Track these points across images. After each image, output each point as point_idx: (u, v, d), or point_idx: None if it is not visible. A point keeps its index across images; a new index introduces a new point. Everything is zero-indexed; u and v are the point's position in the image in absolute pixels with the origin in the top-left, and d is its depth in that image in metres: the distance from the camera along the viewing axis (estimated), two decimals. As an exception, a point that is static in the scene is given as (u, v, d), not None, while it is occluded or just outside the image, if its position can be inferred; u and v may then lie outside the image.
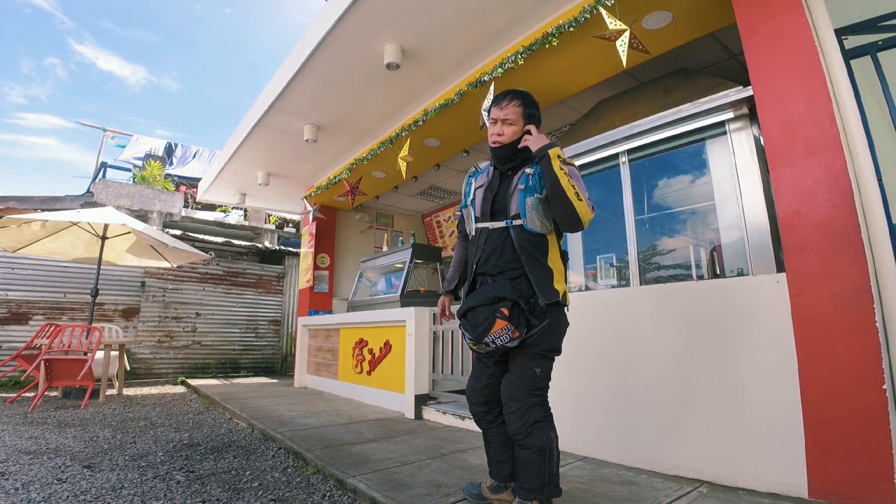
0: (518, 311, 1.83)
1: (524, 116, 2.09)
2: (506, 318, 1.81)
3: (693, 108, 3.21)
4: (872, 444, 1.95)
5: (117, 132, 13.24)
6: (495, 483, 2.12)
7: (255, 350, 8.97)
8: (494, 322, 1.81)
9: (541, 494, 1.82)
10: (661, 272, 3.50)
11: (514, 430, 1.87)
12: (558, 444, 1.88)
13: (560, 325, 1.93)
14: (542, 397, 1.92)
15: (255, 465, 2.95)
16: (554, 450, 1.85)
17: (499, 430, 2.07)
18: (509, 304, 1.82)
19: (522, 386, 1.88)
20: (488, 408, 2.07)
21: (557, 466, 1.87)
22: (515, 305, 1.83)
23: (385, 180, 6.75)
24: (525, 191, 1.96)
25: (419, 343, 4.50)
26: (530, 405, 1.86)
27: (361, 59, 4.19)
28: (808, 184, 2.26)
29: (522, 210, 1.94)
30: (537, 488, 1.82)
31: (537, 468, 1.82)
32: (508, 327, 1.81)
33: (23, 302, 6.82)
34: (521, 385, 1.88)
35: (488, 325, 1.82)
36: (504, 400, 1.92)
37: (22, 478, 2.61)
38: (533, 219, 1.92)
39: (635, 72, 4.29)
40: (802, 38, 2.39)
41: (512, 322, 1.81)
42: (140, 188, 9.76)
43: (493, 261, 1.99)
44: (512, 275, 1.94)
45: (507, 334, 1.81)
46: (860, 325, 2.03)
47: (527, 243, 1.93)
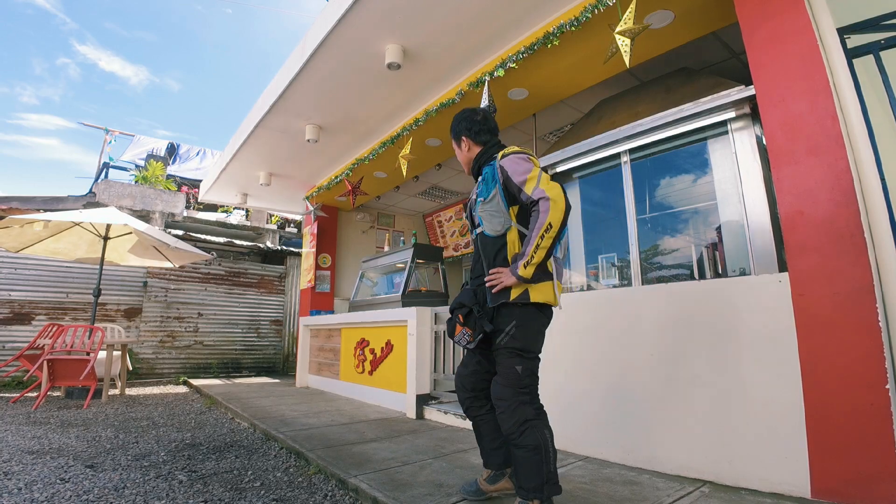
0: (473, 316, 2.00)
1: (456, 139, 2.28)
2: (462, 323, 2.02)
3: (695, 108, 3.21)
4: (875, 444, 1.95)
5: (119, 133, 13.26)
6: (491, 473, 2.16)
7: (256, 350, 8.98)
8: (455, 326, 2.06)
9: (541, 493, 1.83)
10: (663, 272, 3.50)
11: (507, 429, 1.90)
12: (553, 441, 1.89)
13: (528, 325, 1.95)
14: (531, 395, 1.94)
15: (257, 464, 2.95)
16: (549, 447, 1.86)
17: (487, 417, 2.14)
18: (465, 311, 2.02)
19: (508, 385, 1.93)
20: (475, 394, 2.16)
21: (555, 464, 1.87)
22: (471, 312, 2.01)
23: (386, 180, 6.76)
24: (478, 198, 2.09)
25: (421, 343, 4.50)
26: (518, 403, 1.90)
27: (362, 59, 4.19)
28: (810, 183, 2.25)
29: (479, 217, 2.08)
30: (537, 487, 1.83)
31: (535, 467, 1.83)
32: (465, 331, 2.02)
33: (25, 302, 6.83)
34: (507, 385, 1.93)
35: (451, 329, 2.09)
36: (494, 402, 1.98)
37: (25, 477, 2.62)
38: (486, 223, 2.04)
39: (637, 71, 4.28)
40: (804, 37, 2.38)
41: (468, 326, 2.00)
42: (142, 188, 9.78)
43: (474, 269, 2.19)
44: (479, 281, 2.10)
45: (465, 337, 2.03)
46: (863, 325, 2.02)
47: (485, 248, 2.06)
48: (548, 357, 3.33)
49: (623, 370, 2.89)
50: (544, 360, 3.36)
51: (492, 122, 2.26)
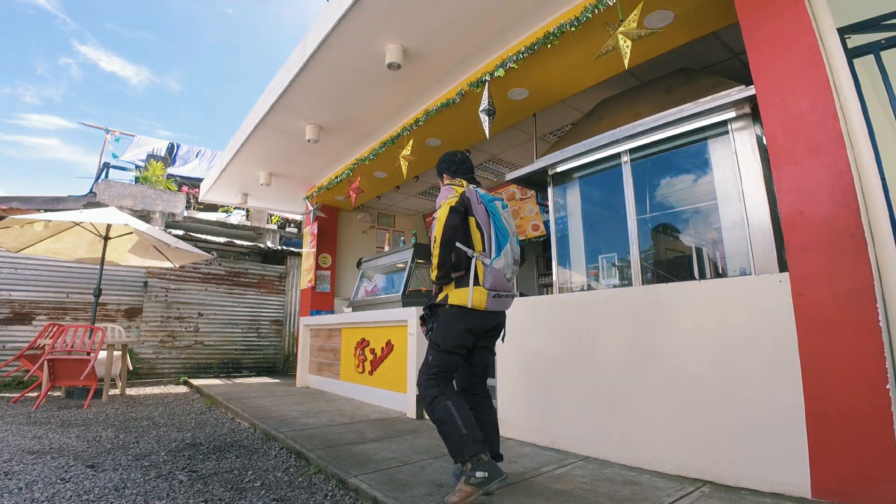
0: (425, 314, 2.50)
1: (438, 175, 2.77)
2: (421, 319, 2.54)
3: (695, 108, 3.21)
4: (876, 444, 1.95)
5: (120, 133, 13.27)
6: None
7: (257, 350, 8.98)
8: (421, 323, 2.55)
9: (462, 456, 2.09)
10: (663, 271, 3.50)
11: (425, 408, 2.29)
12: (460, 409, 2.17)
13: (443, 323, 2.37)
14: (436, 381, 2.29)
15: (258, 464, 2.96)
16: (455, 415, 2.15)
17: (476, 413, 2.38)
18: (422, 312, 2.52)
19: (422, 371, 2.37)
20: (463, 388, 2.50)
21: (468, 427, 2.12)
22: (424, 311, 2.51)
23: (386, 180, 6.76)
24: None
25: (421, 343, 4.49)
26: (426, 387, 2.30)
27: (363, 59, 4.19)
28: (810, 183, 2.25)
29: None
30: (457, 452, 2.11)
31: (448, 437, 2.14)
32: (423, 327, 2.52)
33: (26, 302, 6.84)
34: (422, 370, 2.38)
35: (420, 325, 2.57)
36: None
37: (25, 477, 2.62)
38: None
39: (637, 71, 4.28)
40: (805, 37, 2.38)
41: (424, 323, 2.51)
42: (142, 188, 9.78)
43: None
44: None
45: (424, 332, 2.51)
46: (863, 325, 2.02)
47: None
48: (547, 357, 3.34)
49: (623, 370, 2.88)
50: (544, 361, 3.37)
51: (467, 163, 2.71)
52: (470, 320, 2.32)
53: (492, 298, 2.31)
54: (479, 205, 2.39)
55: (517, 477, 2.52)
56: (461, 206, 2.35)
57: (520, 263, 2.47)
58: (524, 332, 3.56)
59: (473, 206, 2.38)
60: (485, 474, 2.02)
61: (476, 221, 2.37)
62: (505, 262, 2.31)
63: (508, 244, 2.33)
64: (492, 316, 2.39)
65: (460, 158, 2.69)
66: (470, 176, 2.65)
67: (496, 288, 2.31)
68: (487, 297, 2.29)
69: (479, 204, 2.39)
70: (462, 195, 2.39)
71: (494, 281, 2.30)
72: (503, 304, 2.39)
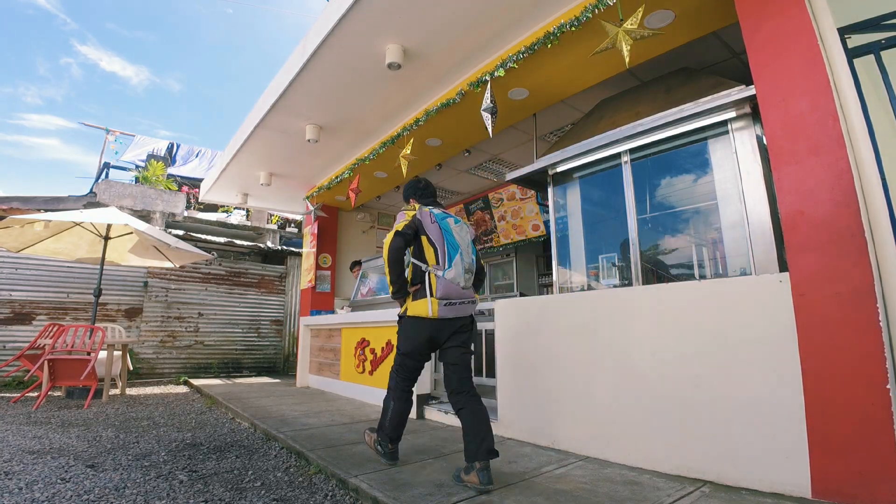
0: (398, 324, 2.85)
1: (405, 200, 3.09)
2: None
3: (695, 108, 3.21)
4: (876, 444, 1.94)
5: (120, 133, 13.27)
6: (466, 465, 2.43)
7: (257, 350, 8.98)
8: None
9: (376, 431, 2.82)
10: (664, 272, 3.49)
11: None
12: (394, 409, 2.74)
13: (401, 331, 2.80)
14: (396, 377, 2.82)
15: (258, 464, 2.96)
16: (388, 410, 2.76)
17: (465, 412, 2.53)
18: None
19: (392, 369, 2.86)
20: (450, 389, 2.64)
21: (389, 423, 2.73)
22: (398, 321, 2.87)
23: (387, 180, 6.76)
24: None
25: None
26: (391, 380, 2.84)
27: (363, 59, 4.19)
28: (811, 183, 2.25)
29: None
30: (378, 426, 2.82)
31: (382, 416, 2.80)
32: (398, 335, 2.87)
33: (26, 302, 6.84)
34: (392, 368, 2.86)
35: None
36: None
37: (26, 477, 2.62)
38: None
39: (637, 71, 4.28)
40: (805, 37, 2.38)
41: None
42: (143, 188, 9.78)
43: None
44: None
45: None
46: (864, 325, 2.02)
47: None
48: (547, 357, 3.33)
49: (623, 370, 2.88)
50: (544, 360, 3.37)
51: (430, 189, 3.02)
52: (425, 328, 2.63)
53: (443, 307, 2.57)
54: (433, 224, 2.65)
55: (517, 477, 2.52)
56: (410, 228, 2.65)
57: (475, 271, 2.73)
58: (524, 331, 3.55)
59: (426, 226, 2.65)
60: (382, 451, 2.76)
61: (429, 238, 2.64)
62: (456, 271, 2.57)
63: (459, 256, 2.59)
64: (447, 321, 2.62)
65: (423, 185, 3.02)
66: (431, 199, 2.96)
67: (448, 296, 2.57)
68: (439, 305, 2.55)
69: (432, 223, 2.65)
70: (413, 218, 2.69)
71: (446, 290, 2.56)
72: (458, 310, 2.62)
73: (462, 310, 2.63)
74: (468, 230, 2.77)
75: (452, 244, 2.60)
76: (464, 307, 2.64)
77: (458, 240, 2.63)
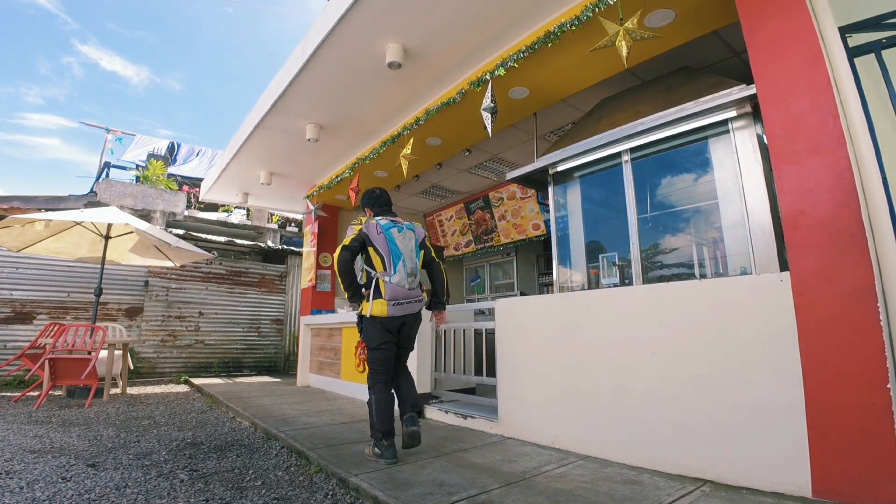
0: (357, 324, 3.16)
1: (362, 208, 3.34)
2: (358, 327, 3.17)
3: (696, 107, 3.20)
4: (877, 443, 1.94)
5: (121, 132, 13.27)
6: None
7: (257, 349, 8.99)
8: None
9: (372, 437, 2.90)
10: (664, 271, 3.49)
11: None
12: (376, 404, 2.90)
13: (364, 330, 3.08)
14: (372, 370, 3.04)
15: (258, 463, 2.96)
16: (374, 409, 2.90)
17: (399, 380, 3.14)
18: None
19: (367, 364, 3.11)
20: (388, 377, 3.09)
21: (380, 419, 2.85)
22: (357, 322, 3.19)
23: (387, 179, 6.76)
24: None
25: (421, 342, 4.50)
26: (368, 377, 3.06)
27: (363, 58, 4.19)
28: (811, 182, 2.25)
29: None
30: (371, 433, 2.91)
31: (370, 418, 2.92)
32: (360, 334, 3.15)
33: (27, 301, 6.85)
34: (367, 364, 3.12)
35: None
36: None
37: (27, 476, 2.63)
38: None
39: (637, 70, 4.28)
40: (806, 36, 2.38)
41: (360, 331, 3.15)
42: (143, 188, 9.79)
43: None
44: None
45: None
46: (864, 324, 2.02)
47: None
48: (548, 356, 3.34)
49: (623, 369, 2.89)
50: (544, 360, 3.38)
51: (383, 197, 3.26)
52: (380, 325, 2.99)
53: (392, 307, 2.94)
54: (379, 234, 2.97)
55: (517, 476, 2.52)
56: (356, 242, 2.98)
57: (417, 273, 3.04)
58: (524, 331, 3.56)
59: (372, 237, 2.98)
60: (379, 452, 2.82)
61: (375, 249, 2.97)
62: (401, 276, 2.93)
63: (402, 262, 2.94)
64: (397, 318, 3.00)
65: (378, 194, 3.28)
66: (384, 209, 3.23)
67: (395, 298, 2.94)
68: (388, 306, 2.94)
69: (378, 234, 2.97)
70: (360, 232, 3.01)
71: (393, 293, 2.93)
72: (405, 309, 2.99)
73: (409, 308, 3.01)
74: (414, 235, 3.09)
75: (396, 253, 2.96)
76: (410, 306, 3.01)
77: (400, 248, 2.97)
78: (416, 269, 3.03)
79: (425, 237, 3.24)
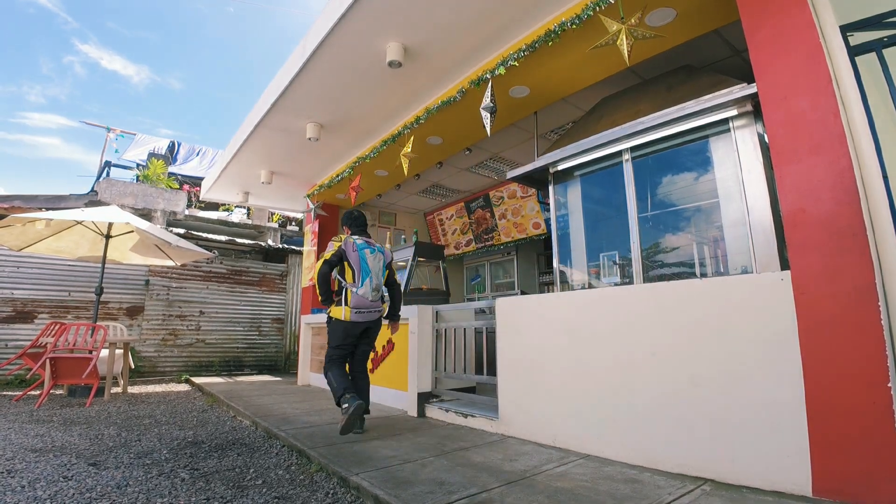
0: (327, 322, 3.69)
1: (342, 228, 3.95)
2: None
3: (696, 106, 3.20)
4: (877, 442, 1.94)
5: (121, 131, 13.27)
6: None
7: (258, 348, 9.00)
8: None
9: (338, 402, 3.38)
10: (665, 270, 3.49)
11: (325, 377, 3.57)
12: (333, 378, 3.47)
13: (329, 329, 3.63)
14: (328, 362, 3.58)
15: (259, 462, 2.96)
16: (332, 381, 3.46)
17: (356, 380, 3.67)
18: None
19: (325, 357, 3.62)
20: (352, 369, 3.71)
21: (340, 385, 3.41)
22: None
23: (387, 178, 6.76)
24: None
25: (422, 341, 4.50)
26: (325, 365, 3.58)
27: (363, 57, 4.18)
28: (812, 181, 2.25)
29: None
30: (337, 401, 3.40)
31: (332, 392, 3.45)
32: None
33: (28, 300, 6.86)
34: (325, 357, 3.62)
35: None
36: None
37: (28, 475, 2.63)
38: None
39: (638, 69, 4.27)
40: (807, 35, 2.37)
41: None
42: (144, 187, 9.78)
43: None
44: None
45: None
46: (865, 324, 2.02)
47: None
48: (549, 355, 3.34)
49: (624, 368, 2.89)
50: (545, 359, 3.38)
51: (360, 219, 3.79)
52: (343, 327, 3.52)
53: (354, 313, 3.47)
54: (354, 252, 3.51)
55: (518, 475, 2.53)
56: (335, 257, 3.51)
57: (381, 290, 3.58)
58: (525, 330, 3.56)
59: (349, 254, 3.52)
60: (349, 404, 3.23)
61: (349, 263, 3.52)
62: (366, 289, 3.47)
63: (369, 279, 3.48)
64: (358, 324, 3.53)
65: (356, 216, 3.80)
66: (360, 229, 3.77)
67: (358, 307, 3.48)
68: (351, 312, 3.47)
69: (353, 252, 3.51)
70: (339, 248, 3.54)
71: (357, 302, 3.47)
72: (365, 316, 3.53)
73: (368, 316, 3.55)
74: (383, 257, 3.63)
75: (366, 270, 3.49)
76: (370, 314, 3.56)
77: (370, 266, 3.51)
78: (380, 286, 3.57)
79: (392, 260, 3.79)
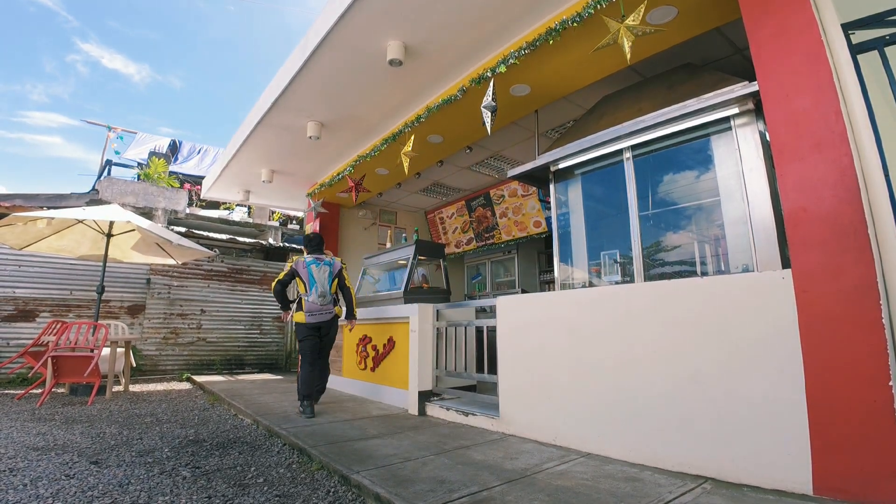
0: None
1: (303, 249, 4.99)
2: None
3: (698, 104, 3.19)
4: (878, 441, 1.94)
5: (122, 130, 13.28)
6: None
7: (259, 346, 9.01)
8: None
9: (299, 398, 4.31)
10: (666, 268, 3.49)
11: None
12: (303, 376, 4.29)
13: (296, 329, 4.48)
14: (301, 354, 4.42)
15: (260, 461, 2.97)
16: (299, 377, 4.35)
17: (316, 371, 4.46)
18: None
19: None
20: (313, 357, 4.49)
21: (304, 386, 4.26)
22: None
23: (388, 177, 6.75)
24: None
25: (423, 339, 4.51)
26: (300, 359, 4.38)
27: (364, 55, 4.18)
28: (814, 179, 2.24)
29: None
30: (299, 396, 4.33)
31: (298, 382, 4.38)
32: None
33: (30, 299, 6.87)
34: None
35: None
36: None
37: (30, 474, 2.64)
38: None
39: (639, 67, 4.26)
40: (809, 33, 2.37)
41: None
42: (145, 186, 9.79)
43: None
44: None
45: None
46: (866, 322, 2.02)
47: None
48: (549, 354, 3.34)
49: (624, 367, 2.89)
50: (545, 357, 3.38)
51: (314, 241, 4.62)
52: (302, 328, 4.41)
53: (308, 316, 4.35)
54: (304, 269, 4.39)
55: (518, 473, 2.53)
56: (288, 276, 4.47)
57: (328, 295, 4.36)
58: (525, 328, 3.56)
59: (300, 271, 4.40)
60: (302, 409, 4.21)
61: (300, 278, 4.41)
62: (314, 296, 4.33)
63: (315, 288, 4.32)
64: (312, 324, 4.37)
65: (311, 238, 4.64)
66: (316, 249, 4.58)
67: (310, 311, 4.35)
68: (306, 316, 4.36)
69: (303, 269, 4.39)
70: (291, 268, 4.45)
71: (309, 307, 4.35)
72: (318, 318, 4.37)
73: (321, 317, 4.38)
74: (329, 269, 4.43)
75: (312, 281, 4.35)
76: (322, 316, 4.38)
77: (316, 278, 4.35)
78: (326, 292, 4.36)
79: (341, 269, 4.56)
